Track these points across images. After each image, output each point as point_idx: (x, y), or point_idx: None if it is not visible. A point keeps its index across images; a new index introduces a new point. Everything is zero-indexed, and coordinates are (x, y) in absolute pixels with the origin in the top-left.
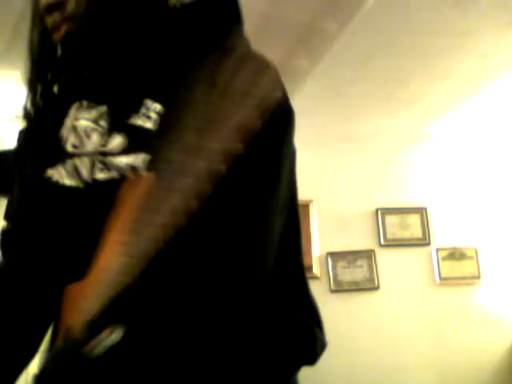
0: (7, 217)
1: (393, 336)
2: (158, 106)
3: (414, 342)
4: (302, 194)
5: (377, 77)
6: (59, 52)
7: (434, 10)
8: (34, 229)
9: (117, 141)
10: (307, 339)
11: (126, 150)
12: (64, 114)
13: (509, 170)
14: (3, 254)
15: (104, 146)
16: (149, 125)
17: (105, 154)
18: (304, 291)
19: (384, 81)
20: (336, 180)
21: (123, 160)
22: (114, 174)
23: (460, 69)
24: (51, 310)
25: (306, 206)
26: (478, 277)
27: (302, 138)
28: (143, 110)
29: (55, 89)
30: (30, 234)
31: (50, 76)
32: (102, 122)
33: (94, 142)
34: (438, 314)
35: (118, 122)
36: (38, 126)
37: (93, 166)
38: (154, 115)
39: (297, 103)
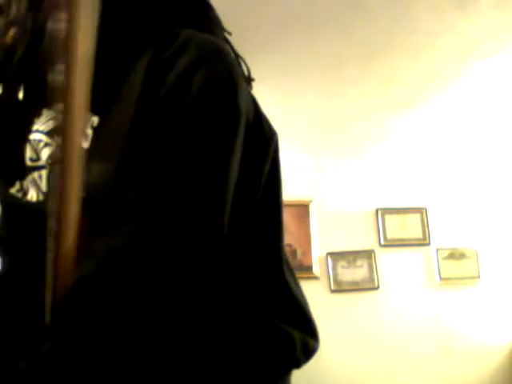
0: None
1: (393, 336)
2: (95, 120)
3: (414, 341)
4: (302, 194)
5: (377, 77)
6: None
7: (434, 10)
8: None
9: None
10: (276, 345)
11: None
12: (28, 123)
13: (509, 170)
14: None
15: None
16: (85, 144)
17: None
18: (284, 294)
19: (384, 81)
20: (336, 180)
21: None
22: None
23: (460, 69)
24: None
25: (306, 206)
26: (478, 277)
27: (303, 138)
28: None
29: (20, 95)
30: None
31: (12, 81)
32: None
33: (45, 157)
34: (438, 314)
35: None
36: (3, 136)
37: (49, 180)
38: (90, 132)
39: (298, 103)
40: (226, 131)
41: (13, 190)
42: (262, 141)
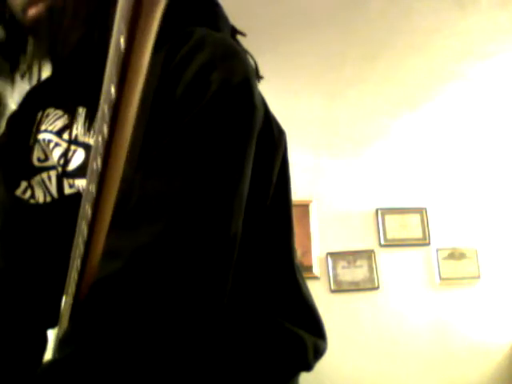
0: None
1: (393, 336)
2: None
3: (414, 341)
4: (302, 194)
5: (377, 77)
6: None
7: (434, 10)
8: (10, 243)
9: (77, 161)
10: (288, 349)
11: (84, 171)
12: (33, 122)
13: (509, 170)
14: None
15: (66, 164)
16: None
17: (67, 174)
18: (295, 294)
19: (384, 81)
20: (336, 180)
21: (82, 182)
22: (77, 190)
23: (460, 69)
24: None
25: (306, 206)
26: (478, 277)
27: (303, 138)
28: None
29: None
30: (8, 247)
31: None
32: (66, 136)
33: (56, 158)
34: (438, 314)
35: (76, 138)
36: (9, 135)
37: (60, 181)
38: None
39: (298, 103)
40: (243, 130)
41: (18, 192)
42: (272, 140)
